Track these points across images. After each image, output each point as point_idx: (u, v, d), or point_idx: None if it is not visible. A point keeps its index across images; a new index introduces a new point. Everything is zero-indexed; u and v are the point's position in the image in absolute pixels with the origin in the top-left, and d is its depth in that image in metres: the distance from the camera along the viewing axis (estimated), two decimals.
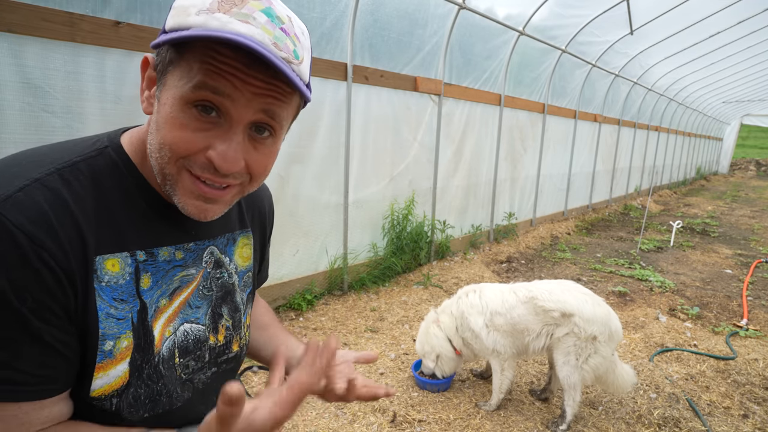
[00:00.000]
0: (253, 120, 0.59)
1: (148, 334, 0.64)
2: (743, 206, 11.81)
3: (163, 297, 0.67)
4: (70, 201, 0.56)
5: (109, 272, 0.60)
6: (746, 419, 2.62)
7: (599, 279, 5.14)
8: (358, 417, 2.52)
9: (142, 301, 0.64)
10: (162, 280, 0.66)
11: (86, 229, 0.57)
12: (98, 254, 0.59)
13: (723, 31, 7.69)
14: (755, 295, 4.79)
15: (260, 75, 0.56)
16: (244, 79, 0.55)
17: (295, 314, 3.78)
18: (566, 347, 2.37)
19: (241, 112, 0.57)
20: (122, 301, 0.61)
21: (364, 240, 4.54)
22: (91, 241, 0.58)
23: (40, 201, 0.53)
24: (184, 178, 0.60)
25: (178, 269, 0.69)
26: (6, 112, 2.28)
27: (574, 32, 6.42)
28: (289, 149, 3.66)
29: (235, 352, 0.81)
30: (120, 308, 0.61)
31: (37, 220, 0.52)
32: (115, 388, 0.62)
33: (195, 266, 0.72)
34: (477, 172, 5.98)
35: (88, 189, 0.59)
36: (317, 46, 3.67)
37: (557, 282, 2.57)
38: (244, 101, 0.56)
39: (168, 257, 0.67)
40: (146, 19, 2.70)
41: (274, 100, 0.59)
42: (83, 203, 0.57)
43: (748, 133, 32.86)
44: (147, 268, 0.64)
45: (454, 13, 4.64)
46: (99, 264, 0.59)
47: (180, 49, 0.56)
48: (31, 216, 0.51)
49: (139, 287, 0.64)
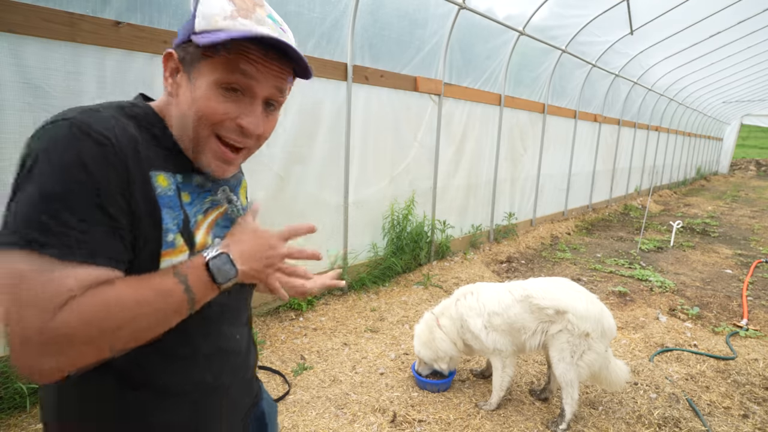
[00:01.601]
0: (268, 95, 0.80)
1: (192, 239, 0.79)
2: (743, 206, 11.81)
3: (199, 213, 0.82)
4: (130, 125, 0.74)
5: (160, 185, 0.75)
6: (746, 419, 2.62)
7: (599, 279, 5.14)
8: (358, 417, 2.52)
9: (185, 212, 0.78)
10: (197, 199, 0.82)
11: (140, 149, 0.73)
12: (151, 169, 0.74)
13: (723, 31, 7.68)
14: (755, 295, 4.79)
15: (276, 62, 0.78)
16: (266, 65, 0.76)
17: (295, 314, 3.78)
18: (560, 344, 2.39)
19: (263, 88, 0.78)
20: (171, 209, 0.76)
21: (364, 240, 4.54)
22: (144, 158, 0.73)
23: (111, 120, 0.70)
24: (212, 142, 0.78)
25: (207, 193, 0.85)
26: (6, 112, 2.28)
27: (574, 32, 6.42)
28: (289, 149, 3.66)
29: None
30: (171, 214, 0.76)
31: (108, 129, 0.68)
32: None
33: (218, 194, 0.89)
34: (477, 172, 5.98)
35: (133, 120, 0.76)
36: (317, 46, 3.67)
37: (551, 280, 2.59)
38: (264, 81, 0.77)
39: (200, 182, 0.83)
40: (146, 19, 2.70)
41: (282, 79, 0.80)
42: (133, 129, 0.74)
43: (748, 133, 32.85)
44: (185, 188, 0.80)
45: (454, 13, 4.65)
46: (153, 177, 0.74)
47: (217, 46, 0.73)
48: (105, 126, 0.68)
49: (182, 201, 0.79)
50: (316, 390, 2.76)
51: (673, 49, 8.33)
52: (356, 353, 3.24)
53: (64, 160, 0.63)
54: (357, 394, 2.73)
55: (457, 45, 4.96)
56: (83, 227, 0.63)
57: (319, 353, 3.22)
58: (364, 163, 4.34)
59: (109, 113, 0.72)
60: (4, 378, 2.35)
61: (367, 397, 2.70)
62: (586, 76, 7.69)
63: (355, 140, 4.18)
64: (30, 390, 2.37)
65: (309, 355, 3.19)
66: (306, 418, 2.48)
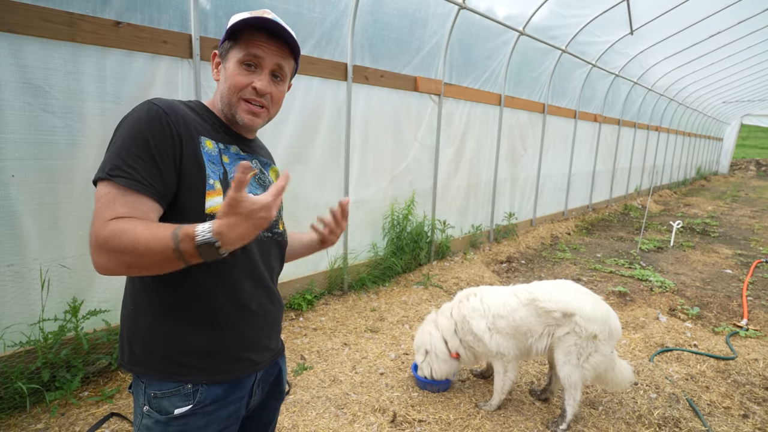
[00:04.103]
0: (272, 68, 1.11)
1: (230, 187, 0.96)
2: (743, 206, 11.81)
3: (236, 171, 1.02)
4: (184, 109, 1.06)
5: (207, 147, 1.05)
6: (746, 419, 2.62)
7: (599, 279, 5.14)
8: (358, 417, 2.51)
9: (224, 168, 1.07)
10: (234, 162, 1.11)
11: (191, 122, 1.04)
12: (200, 135, 1.05)
13: (723, 31, 7.68)
14: (755, 295, 4.79)
15: (275, 44, 1.09)
16: (269, 46, 1.09)
17: (295, 314, 3.78)
18: (567, 346, 2.37)
19: (267, 63, 1.09)
20: (213, 164, 1.05)
21: (364, 240, 4.53)
22: (195, 129, 1.04)
23: (174, 104, 1.04)
24: (241, 103, 1.10)
25: (242, 159, 1.14)
26: (6, 112, 2.28)
27: (574, 32, 6.42)
28: (290, 149, 3.66)
29: (281, 230, 1.24)
30: (213, 167, 1.04)
31: (168, 107, 1.00)
32: (217, 211, 0.92)
33: (252, 163, 1.17)
34: (477, 172, 5.98)
35: (191, 109, 1.09)
36: (317, 46, 3.67)
37: (556, 282, 2.57)
38: (268, 58, 1.09)
39: (236, 151, 1.14)
40: (146, 19, 2.70)
41: (282, 58, 1.11)
42: (190, 112, 1.07)
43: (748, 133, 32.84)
44: (225, 153, 1.10)
45: (454, 13, 4.64)
46: (202, 141, 1.05)
47: (236, 38, 1.08)
48: (166, 105, 1.01)
49: (222, 160, 1.08)
50: (316, 390, 2.76)
51: (673, 49, 8.33)
52: (356, 353, 3.24)
53: (133, 126, 0.96)
54: (357, 394, 2.73)
55: (457, 45, 4.96)
56: (137, 164, 0.93)
57: (319, 353, 3.21)
58: (364, 163, 4.34)
59: (176, 101, 1.06)
60: (4, 378, 2.35)
61: (367, 397, 2.70)
62: (586, 76, 7.69)
63: (355, 140, 4.18)
64: (30, 390, 2.37)
65: (309, 355, 3.19)
66: (306, 418, 2.48)
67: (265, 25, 1.06)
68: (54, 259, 2.54)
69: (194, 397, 1.03)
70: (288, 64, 1.14)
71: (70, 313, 2.53)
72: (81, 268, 2.65)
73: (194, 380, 1.03)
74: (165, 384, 1.02)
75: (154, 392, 1.02)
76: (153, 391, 1.02)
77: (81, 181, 2.56)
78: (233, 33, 1.08)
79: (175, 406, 1.02)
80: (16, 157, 2.34)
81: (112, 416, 2.39)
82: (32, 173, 2.41)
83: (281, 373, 1.29)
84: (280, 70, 1.12)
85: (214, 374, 1.05)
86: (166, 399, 1.02)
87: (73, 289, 2.63)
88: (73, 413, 2.40)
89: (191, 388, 1.03)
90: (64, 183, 2.52)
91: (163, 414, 1.02)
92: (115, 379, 2.73)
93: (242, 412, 1.14)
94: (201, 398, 1.04)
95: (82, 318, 2.56)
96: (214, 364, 1.05)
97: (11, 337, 2.43)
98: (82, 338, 2.50)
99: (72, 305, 2.53)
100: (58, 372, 2.49)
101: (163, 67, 2.81)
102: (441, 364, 2.66)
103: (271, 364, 1.22)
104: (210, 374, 1.05)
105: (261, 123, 1.15)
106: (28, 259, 2.46)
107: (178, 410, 1.02)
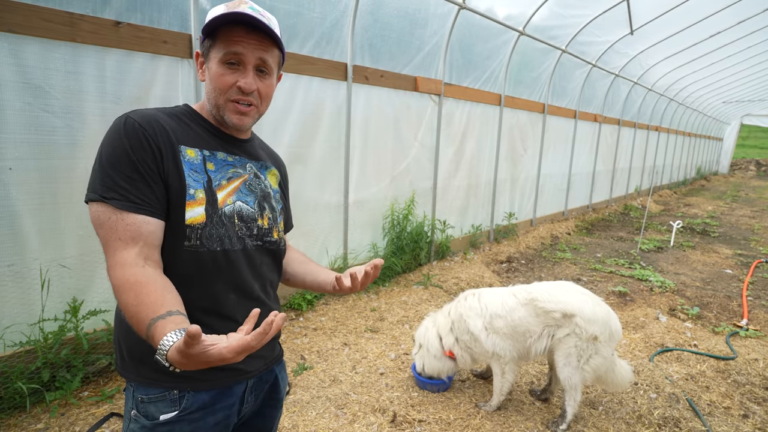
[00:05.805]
0: (256, 64, 1.05)
1: (214, 195, 1.05)
2: (743, 206, 11.81)
3: (222, 178, 1.08)
4: (164, 118, 1.04)
5: (188, 155, 1.03)
6: (746, 419, 2.62)
7: (599, 279, 5.14)
8: (358, 417, 2.51)
9: (208, 176, 1.05)
10: (221, 168, 1.09)
11: (171, 132, 1.02)
12: (180, 144, 1.02)
13: (723, 31, 7.68)
14: (755, 295, 4.79)
15: (254, 38, 1.03)
16: (248, 41, 1.02)
17: (295, 314, 3.78)
18: (567, 348, 2.37)
19: (249, 59, 1.04)
20: (196, 172, 1.03)
21: (364, 240, 4.53)
22: (174, 138, 1.02)
23: (147, 115, 1.01)
24: (228, 104, 1.06)
25: (230, 165, 1.12)
26: (6, 112, 2.28)
27: (574, 32, 6.41)
28: (290, 149, 3.66)
29: (275, 239, 1.19)
30: (195, 176, 1.03)
31: (143, 120, 0.99)
32: (198, 222, 1.01)
33: (241, 168, 1.14)
34: (477, 172, 5.98)
35: (173, 117, 1.06)
36: (317, 46, 3.67)
37: (556, 283, 2.56)
38: (249, 53, 1.03)
39: (223, 157, 1.10)
40: (146, 19, 2.70)
41: (264, 51, 1.05)
42: (170, 120, 1.05)
43: (748, 133, 32.84)
44: (210, 160, 1.07)
45: (454, 13, 4.64)
46: (182, 150, 1.02)
47: (214, 36, 1.03)
48: (141, 118, 0.99)
49: (206, 168, 1.06)
50: (316, 390, 2.76)
51: (673, 49, 8.33)
52: (356, 353, 3.24)
53: (113, 143, 0.96)
54: (357, 394, 2.73)
55: (457, 45, 4.96)
56: (128, 184, 0.94)
57: (319, 353, 3.21)
58: (364, 163, 4.34)
59: (154, 111, 1.04)
60: (4, 378, 2.35)
61: (367, 397, 2.70)
62: (586, 76, 7.68)
63: (355, 140, 4.18)
64: (30, 390, 2.37)
65: (309, 355, 3.19)
66: (306, 418, 2.48)
67: (241, 19, 0.99)
68: (54, 259, 2.54)
69: (180, 403, 1.02)
70: (272, 56, 1.07)
71: (70, 313, 2.53)
72: (81, 268, 2.65)
73: (179, 387, 1.02)
74: (151, 389, 1.02)
75: (141, 397, 1.02)
76: (140, 396, 1.02)
77: (81, 181, 2.56)
78: (211, 30, 1.02)
79: (161, 412, 1.01)
80: (16, 157, 2.34)
81: (112, 416, 2.39)
82: (32, 173, 2.41)
83: (278, 381, 1.26)
84: (264, 63, 1.06)
85: (199, 381, 1.04)
86: (153, 404, 1.02)
87: (73, 289, 2.63)
88: (73, 413, 2.40)
89: (177, 394, 1.02)
90: (64, 183, 2.52)
91: (149, 419, 1.01)
92: (115, 379, 2.73)
93: (233, 420, 1.12)
94: (187, 405, 1.02)
95: (82, 318, 2.56)
96: (198, 372, 1.01)
97: (11, 337, 2.43)
98: (82, 338, 2.50)
99: (72, 305, 2.53)
100: (58, 372, 2.49)
101: (163, 67, 2.81)
102: (432, 359, 2.64)
103: (266, 371, 1.20)
104: (194, 381, 1.04)
105: (251, 121, 1.11)
106: (28, 259, 2.46)
107: (164, 416, 1.01)
